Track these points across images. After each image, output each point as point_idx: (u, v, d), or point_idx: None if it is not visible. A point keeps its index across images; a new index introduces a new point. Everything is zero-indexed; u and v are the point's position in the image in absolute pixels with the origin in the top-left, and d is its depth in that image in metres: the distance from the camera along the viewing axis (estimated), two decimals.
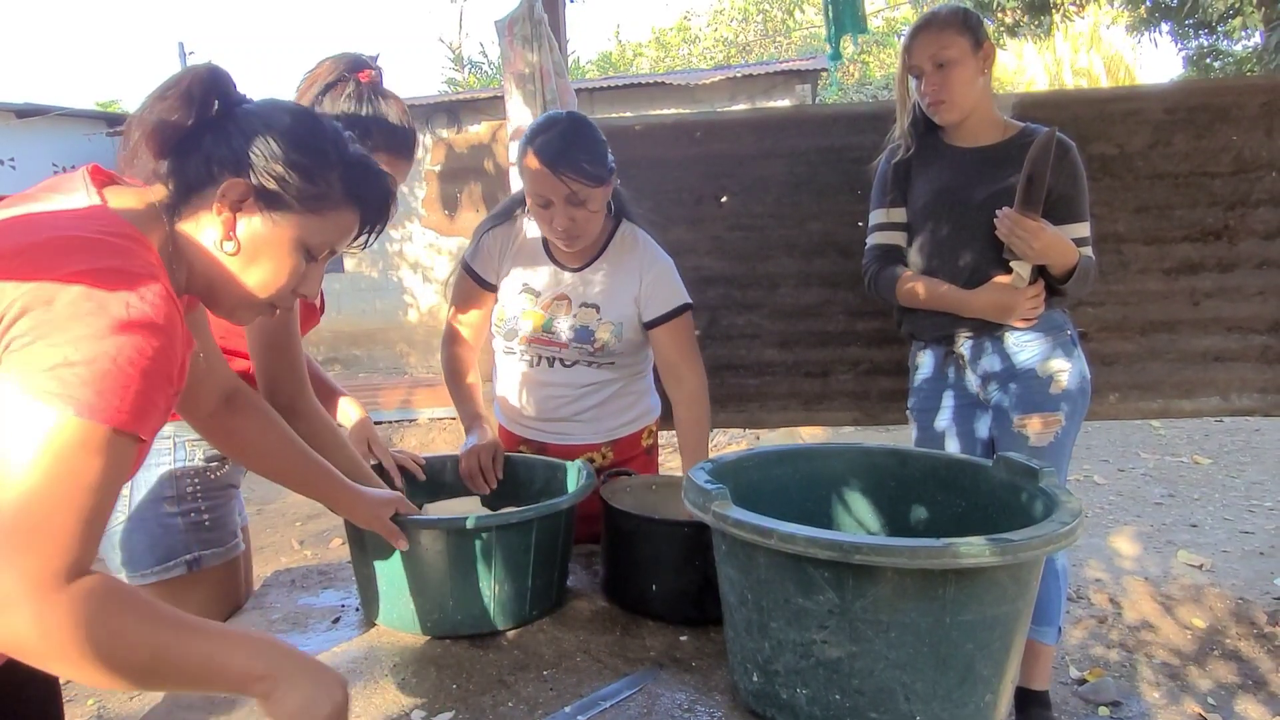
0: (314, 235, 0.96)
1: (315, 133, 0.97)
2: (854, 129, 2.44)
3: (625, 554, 1.45)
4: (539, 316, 1.72)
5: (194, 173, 0.92)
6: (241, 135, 0.93)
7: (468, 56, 21.05)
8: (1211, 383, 2.47)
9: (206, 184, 0.92)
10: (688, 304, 1.73)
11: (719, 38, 20.95)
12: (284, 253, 0.95)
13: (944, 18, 1.87)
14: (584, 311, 1.71)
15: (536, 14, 2.16)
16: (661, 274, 1.72)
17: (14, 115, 10.35)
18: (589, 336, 1.70)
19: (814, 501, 1.40)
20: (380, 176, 1.02)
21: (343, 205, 0.98)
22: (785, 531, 0.98)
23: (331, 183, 0.96)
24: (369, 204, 1.01)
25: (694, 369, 1.72)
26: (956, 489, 1.33)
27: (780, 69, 10.47)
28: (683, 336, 1.73)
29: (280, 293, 0.97)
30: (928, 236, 1.95)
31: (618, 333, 1.71)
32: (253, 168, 0.92)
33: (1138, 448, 5.27)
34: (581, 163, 1.53)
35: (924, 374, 2.02)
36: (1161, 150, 2.39)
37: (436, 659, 1.25)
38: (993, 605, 0.99)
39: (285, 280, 0.97)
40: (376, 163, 1.03)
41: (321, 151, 0.96)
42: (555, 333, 1.71)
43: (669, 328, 1.71)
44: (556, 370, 1.75)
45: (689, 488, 1.14)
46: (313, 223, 0.96)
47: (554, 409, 1.78)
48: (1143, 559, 3.53)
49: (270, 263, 0.95)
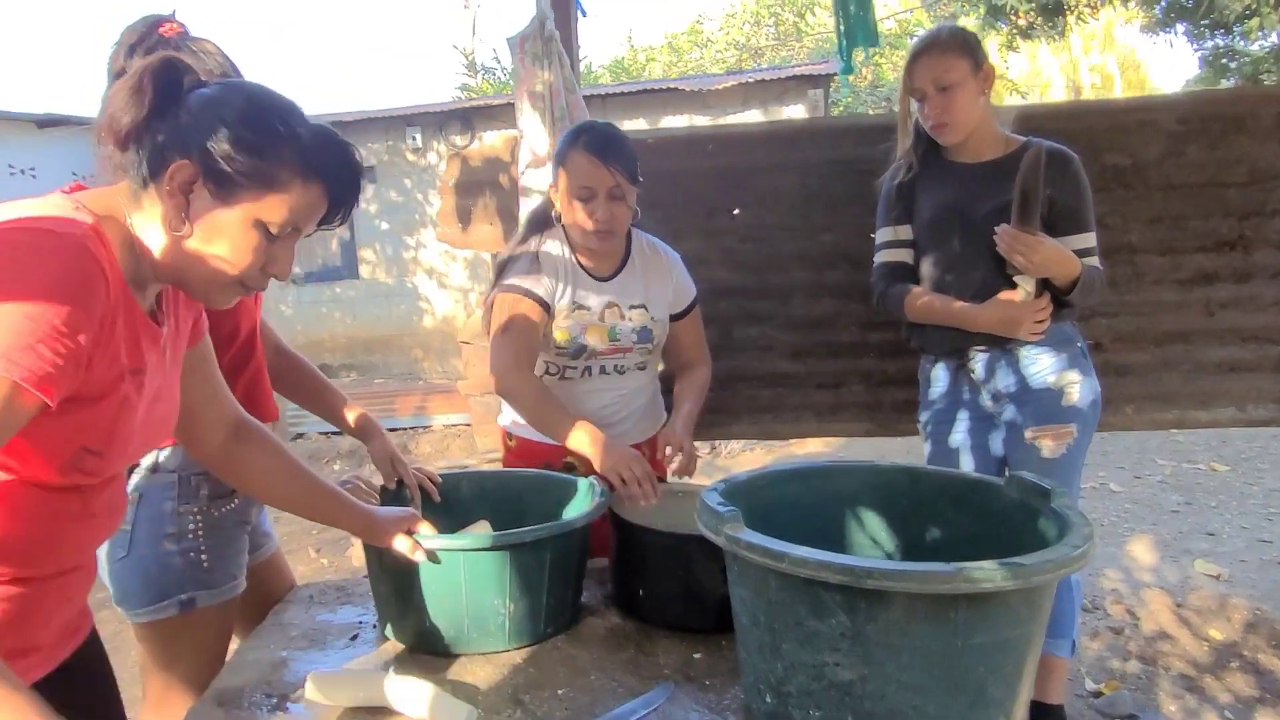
0: (270, 213, 0.95)
1: (265, 109, 0.95)
2: (865, 141, 2.44)
3: (635, 566, 1.46)
4: (602, 329, 1.80)
5: (149, 162, 0.93)
6: (191, 119, 0.92)
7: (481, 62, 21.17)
8: (1228, 393, 2.45)
9: (160, 171, 0.92)
10: (697, 294, 1.95)
11: (730, 41, 20.95)
12: (240, 232, 0.94)
13: (945, 41, 1.88)
14: (635, 313, 1.83)
15: (547, 31, 2.18)
16: (681, 268, 1.94)
17: (35, 125, 10.48)
18: (649, 335, 1.84)
19: (827, 519, 1.41)
20: (342, 148, 1.00)
21: (299, 181, 0.96)
22: (797, 555, 0.99)
23: (283, 158, 0.94)
24: (333, 178, 0.99)
25: (706, 359, 1.96)
26: (969, 508, 1.34)
27: (792, 73, 10.48)
28: (699, 326, 1.96)
29: (247, 272, 0.97)
30: (935, 252, 1.96)
31: (664, 327, 1.88)
32: (200, 150, 0.91)
33: (1154, 454, 5.23)
34: (624, 159, 1.70)
35: (937, 389, 2.02)
36: (1175, 161, 2.38)
37: (451, 677, 1.26)
38: (1005, 628, 1.00)
39: (248, 259, 0.96)
40: (338, 135, 1.00)
41: (270, 127, 0.94)
42: (620, 339, 1.81)
43: (690, 319, 1.93)
44: (614, 378, 1.84)
45: (702, 509, 1.15)
46: (268, 201, 0.95)
47: (608, 415, 1.85)
48: (1159, 568, 3.51)
49: (227, 242, 0.95)
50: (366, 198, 10.94)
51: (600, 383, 1.84)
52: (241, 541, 1.54)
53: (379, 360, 11.07)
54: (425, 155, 10.71)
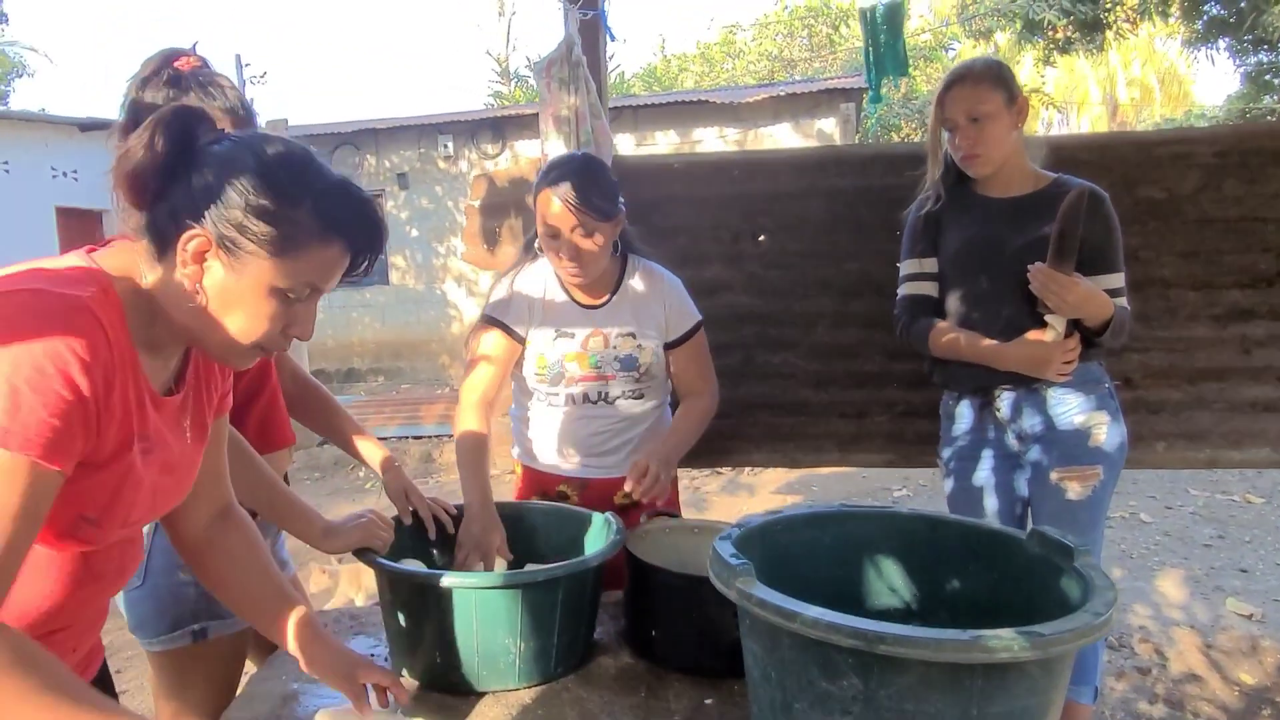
0: (287, 278, 0.91)
1: (281, 168, 0.90)
2: (893, 169, 2.41)
3: (648, 607, 1.45)
4: (583, 356, 1.78)
5: (163, 224, 0.89)
6: (203, 181, 0.88)
7: (514, 69, 21.31)
8: (1263, 434, 2.39)
9: (174, 234, 0.89)
10: (701, 321, 1.87)
11: (763, 52, 20.91)
12: (256, 300, 0.91)
13: (979, 72, 1.85)
14: (622, 340, 1.79)
15: (574, 56, 2.19)
16: (680, 294, 1.86)
17: (77, 129, 10.72)
18: (634, 363, 1.80)
19: (844, 566, 1.38)
20: (362, 202, 0.96)
21: (319, 241, 0.92)
22: (809, 616, 0.97)
23: (300, 220, 0.90)
24: (352, 234, 0.95)
25: (709, 386, 1.87)
26: (989, 560, 1.31)
27: (824, 86, 10.42)
28: (701, 354, 1.87)
29: (265, 337, 0.94)
30: (961, 287, 1.93)
31: (656, 354, 1.82)
32: (213, 216, 0.88)
33: (1187, 483, 5.12)
34: (592, 197, 1.65)
35: (961, 426, 1.99)
36: (1212, 194, 2.33)
37: (460, 716, 1.26)
38: (1022, 697, 0.97)
39: (265, 327, 0.93)
40: (358, 188, 0.96)
41: (286, 190, 0.90)
42: (602, 367, 1.78)
43: (688, 346, 1.85)
44: (600, 406, 1.81)
45: (714, 559, 1.13)
46: (284, 265, 0.90)
47: (598, 444, 1.83)
48: (1190, 606, 3.42)
49: (243, 311, 0.91)
50: (398, 204, 11.04)
51: (588, 410, 1.81)
52: None
53: (406, 365, 11.16)
54: (456, 163, 10.79)
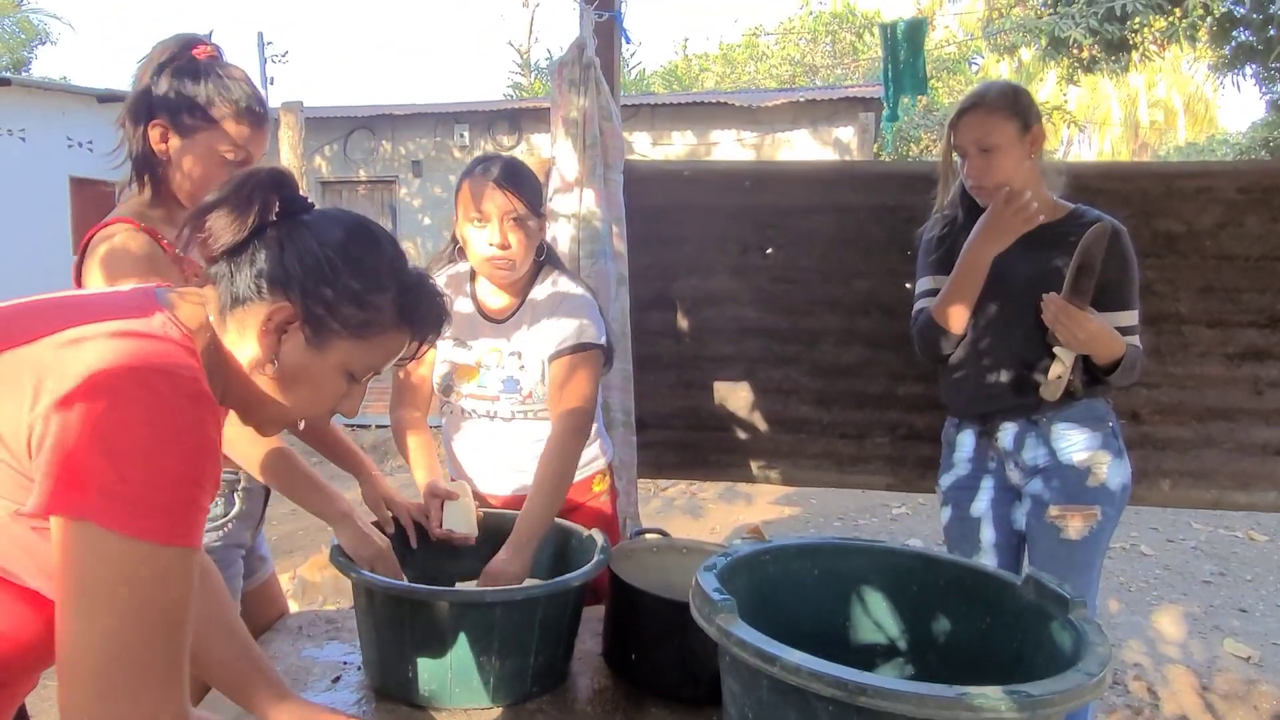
0: (359, 360, 0.92)
1: (370, 252, 0.92)
2: (906, 188, 2.38)
3: (630, 629, 1.42)
4: (472, 372, 1.71)
5: (243, 285, 0.88)
6: (295, 252, 0.88)
7: (535, 61, 21.28)
8: (1270, 477, 2.35)
9: (254, 299, 0.88)
10: (591, 345, 1.63)
11: (785, 56, 20.82)
12: (326, 378, 0.92)
13: (992, 100, 1.79)
14: (510, 360, 1.69)
15: (586, 58, 2.14)
16: (572, 309, 1.66)
17: (95, 100, 10.75)
18: (515, 386, 1.69)
19: (832, 599, 1.35)
20: (437, 300, 0.98)
21: (395, 329, 0.94)
22: (790, 661, 0.93)
23: (383, 308, 0.92)
24: (424, 326, 0.97)
25: (569, 422, 1.58)
26: (982, 602, 1.27)
27: (844, 94, 10.37)
28: (571, 378, 1.62)
29: (321, 414, 0.95)
30: (973, 313, 1.88)
31: (538, 379, 1.68)
32: (302, 291, 0.88)
33: (1189, 516, 5.06)
34: (522, 185, 1.61)
35: (962, 455, 1.95)
36: (1232, 231, 2.29)
37: None
38: None
39: (328, 404, 0.94)
40: (434, 283, 0.98)
41: (375, 275, 0.91)
42: (486, 385, 1.70)
43: (560, 364, 1.63)
44: (497, 425, 1.72)
45: (696, 593, 1.10)
46: (359, 348, 0.92)
47: (503, 462, 1.74)
48: (1186, 644, 3.37)
49: (309, 387, 0.92)
50: (411, 191, 11.03)
51: (489, 427, 1.72)
52: (236, 566, 1.53)
53: None
54: (472, 153, 10.78)
